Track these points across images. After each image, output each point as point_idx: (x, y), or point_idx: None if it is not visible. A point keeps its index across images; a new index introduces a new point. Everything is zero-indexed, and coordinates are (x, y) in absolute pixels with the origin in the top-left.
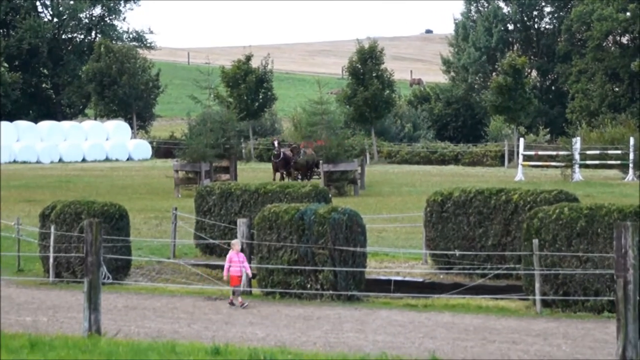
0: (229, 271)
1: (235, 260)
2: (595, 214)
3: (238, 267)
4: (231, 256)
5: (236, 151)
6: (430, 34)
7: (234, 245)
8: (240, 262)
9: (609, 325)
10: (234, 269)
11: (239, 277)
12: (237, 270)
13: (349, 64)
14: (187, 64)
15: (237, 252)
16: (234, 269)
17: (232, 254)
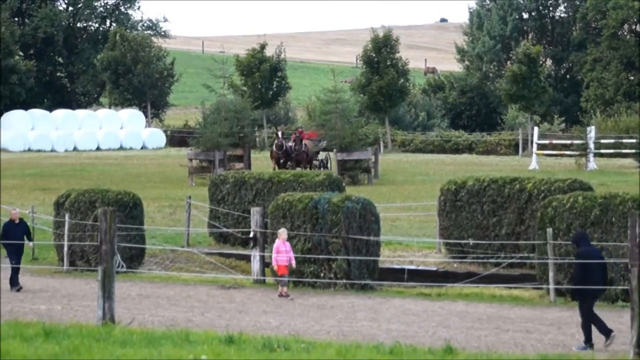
0: (277, 261)
1: (283, 250)
2: (609, 203)
3: (285, 256)
4: (278, 245)
5: (250, 140)
6: (445, 23)
7: (280, 234)
8: (287, 252)
9: (623, 315)
10: (281, 258)
11: (286, 266)
12: (285, 259)
13: (363, 52)
14: (202, 53)
15: (283, 241)
16: (281, 258)
17: (279, 243)
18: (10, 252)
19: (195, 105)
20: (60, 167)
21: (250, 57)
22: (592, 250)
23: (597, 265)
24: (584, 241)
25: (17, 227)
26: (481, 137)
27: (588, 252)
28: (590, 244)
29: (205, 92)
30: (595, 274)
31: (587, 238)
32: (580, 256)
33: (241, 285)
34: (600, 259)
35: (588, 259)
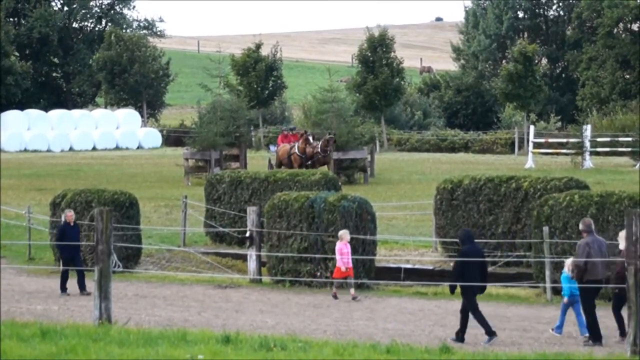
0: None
1: (345, 252)
2: (605, 202)
3: (347, 258)
4: (341, 247)
5: (246, 139)
6: (441, 22)
7: (342, 236)
8: (349, 254)
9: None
10: (344, 260)
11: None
12: (347, 261)
13: (359, 51)
14: (197, 53)
15: (345, 243)
16: (344, 261)
17: (342, 246)
18: (67, 255)
19: (191, 104)
20: (56, 167)
21: (245, 57)
22: (474, 249)
23: (476, 263)
24: (469, 239)
25: (72, 229)
26: (477, 136)
27: (469, 250)
28: (474, 242)
29: (201, 91)
30: (473, 272)
31: (472, 237)
32: (462, 254)
33: (237, 285)
34: (481, 258)
35: (470, 256)
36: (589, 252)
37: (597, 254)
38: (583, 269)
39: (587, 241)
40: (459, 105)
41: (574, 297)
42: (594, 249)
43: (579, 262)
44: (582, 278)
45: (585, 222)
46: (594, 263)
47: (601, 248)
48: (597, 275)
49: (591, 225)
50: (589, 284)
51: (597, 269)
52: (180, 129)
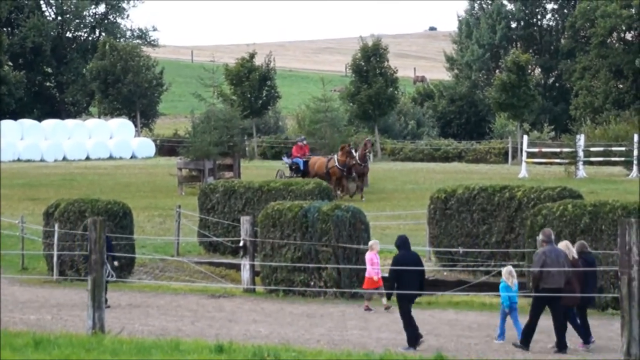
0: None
1: (376, 262)
2: (599, 211)
3: (378, 268)
4: (371, 257)
5: (240, 149)
6: (434, 31)
7: (373, 246)
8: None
9: (613, 322)
10: (375, 270)
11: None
12: (378, 271)
13: (352, 61)
14: (191, 62)
15: (376, 253)
16: (375, 271)
17: (372, 255)
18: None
19: (184, 114)
20: (49, 177)
21: (239, 66)
22: (410, 255)
23: (413, 270)
24: (404, 246)
25: None
26: (471, 145)
27: (404, 256)
28: (409, 248)
29: (194, 101)
30: (410, 278)
31: (408, 243)
32: (396, 260)
33: (231, 294)
34: (417, 265)
35: (404, 263)
36: (544, 261)
37: (554, 263)
38: (538, 278)
39: (544, 250)
40: (453, 114)
41: (512, 305)
42: (551, 258)
43: (535, 270)
44: (538, 286)
45: (545, 233)
46: (549, 272)
47: (558, 258)
48: (552, 284)
49: (551, 235)
50: (544, 292)
51: (553, 278)
52: (174, 139)
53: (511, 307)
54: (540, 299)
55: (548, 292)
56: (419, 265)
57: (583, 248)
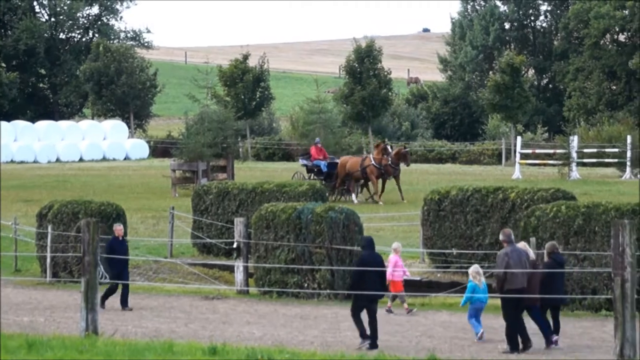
0: (393, 276)
1: (400, 265)
2: (592, 212)
3: (402, 271)
4: (396, 260)
5: (233, 150)
6: (428, 33)
7: (396, 249)
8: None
9: (607, 324)
10: (398, 273)
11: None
12: (401, 274)
13: (346, 62)
14: (185, 63)
15: (399, 255)
16: (398, 274)
17: (396, 258)
18: (115, 270)
19: (178, 115)
20: (43, 178)
21: (233, 68)
22: (373, 256)
23: (375, 271)
24: (369, 246)
25: (121, 243)
26: (464, 146)
27: (368, 256)
28: (374, 249)
29: (188, 102)
30: (372, 278)
31: (373, 244)
32: (360, 260)
33: (224, 296)
34: (379, 266)
35: (367, 264)
36: (507, 262)
37: (517, 263)
38: (503, 279)
39: (507, 251)
40: (447, 116)
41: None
42: (513, 258)
43: (499, 272)
44: (503, 288)
45: (505, 233)
46: (513, 273)
47: (521, 258)
48: (516, 284)
49: (511, 235)
50: (509, 293)
51: (517, 279)
52: (168, 140)
53: (479, 306)
54: (508, 300)
55: (512, 292)
56: (382, 267)
57: (554, 248)
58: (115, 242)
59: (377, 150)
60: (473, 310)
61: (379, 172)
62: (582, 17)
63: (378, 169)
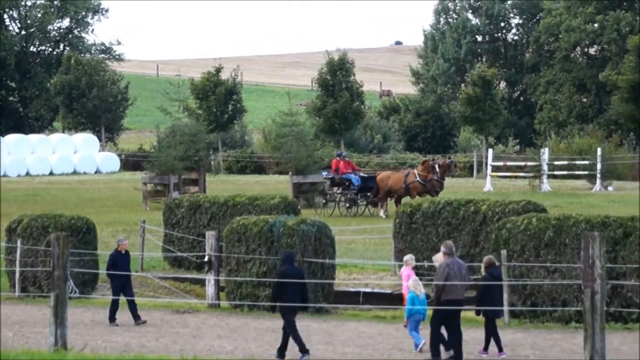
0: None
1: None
2: (563, 225)
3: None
4: (408, 273)
5: (205, 163)
6: (400, 46)
7: (408, 262)
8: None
9: (577, 336)
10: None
11: None
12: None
13: (318, 75)
14: (157, 76)
15: (411, 268)
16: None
17: (409, 271)
18: (117, 284)
19: (149, 128)
20: (12, 192)
21: (205, 81)
22: (294, 270)
23: (296, 284)
24: (289, 260)
25: (124, 257)
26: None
27: (287, 270)
28: (293, 263)
29: (159, 115)
30: (293, 292)
31: (292, 258)
32: (280, 275)
33: (196, 310)
34: (299, 279)
35: (289, 277)
36: (448, 273)
37: (457, 275)
38: (442, 289)
39: (447, 262)
40: (419, 128)
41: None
42: (454, 270)
43: (439, 283)
44: (440, 298)
45: (447, 245)
46: (451, 284)
47: (461, 270)
48: (455, 295)
49: (452, 247)
50: (447, 304)
51: (455, 290)
52: (139, 153)
53: (418, 318)
54: (442, 311)
55: (449, 303)
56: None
57: (491, 262)
58: (118, 256)
59: (423, 166)
60: (413, 323)
61: (424, 189)
62: (553, 31)
63: (423, 185)
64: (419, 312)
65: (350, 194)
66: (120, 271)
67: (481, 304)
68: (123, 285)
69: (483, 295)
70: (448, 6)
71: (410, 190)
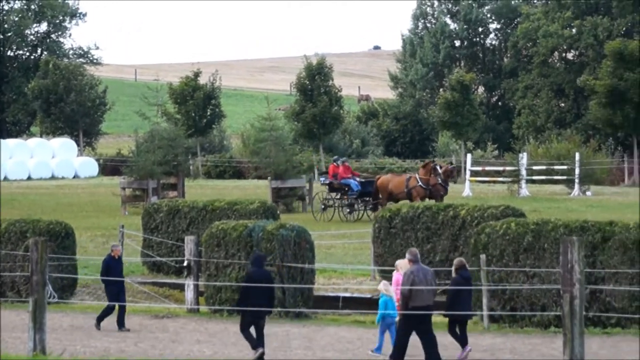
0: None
1: None
2: (541, 229)
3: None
4: (398, 278)
5: (184, 168)
6: (378, 50)
7: (400, 266)
8: None
9: (556, 340)
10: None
11: None
12: None
13: (297, 80)
14: (135, 81)
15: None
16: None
17: (399, 276)
18: (112, 290)
19: (128, 133)
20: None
21: (183, 85)
22: (261, 272)
23: (262, 287)
24: (257, 263)
25: (117, 263)
26: (415, 164)
27: (255, 273)
28: (262, 266)
29: (138, 120)
30: (260, 295)
31: (261, 260)
32: (248, 277)
33: (175, 315)
34: (268, 282)
35: (257, 280)
36: (413, 280)
37: (422, 282)
38: (408, 296)
39: (412, 270)
40: (397, 133)
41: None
42: (419, 277)
43: (404, 289)
44: (407, 305)
45: (412, 252)
46: (418, 290)
47: (426, 276)
48: (421, 302)
49: (417, 254)
50: (413, 310)
51: (422, 296)
52: (117, 158)
53: (390, 322)
54: (409, 317)
55: (417, 310)
56: (270, 283)
57: (461, 264)
58: (111, 261)
59: (425, 170)
60: (385, 326)
61: (426, 193)
62: (531, 36)
63: (425, 189)
64: (390, 316)
65: (350, 199)
66: (114, 276)
67: (452, 306)
68: (118, 292)
69: (454, 298)
70: (426, 11)
71: (412, 194)
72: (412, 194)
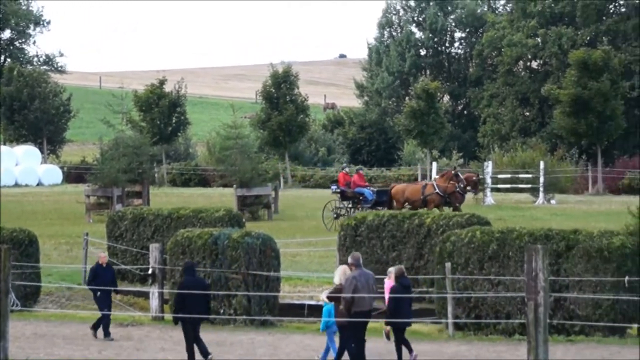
0: None
1: None
2: (506, 238)
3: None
4: (389, 286)
5: (149, 176)
6: (344, 59)
7: (391, 274)
8: None
9: (520, 348)
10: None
11: None
12: None
13: (262, 88)
14: (99, 89)
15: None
16: None
17: (391, 284)
18: (101, 298)
19: (92, 141)
20: None
21: (148, 93)
22: (195, 280)
23: (198, 295)
24: (190, 271)
25: (105, 271)
26: (381, 172)
27: (189, 281)
28: (195, 274)
29: (103, 127)
30: (196, 302)
31: (194, 268)
32: (182, 285)
33: (139, 323)
34: (203, 289)
35: (190, 288)
36: (355, 285)
37: (364, 286)
38: (350, 302)
39: (354, 275)
40: (363, 141)
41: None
42: (361, 282)
43: (347, 295)
44: (350, 310)
45: (354, 256)
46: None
47: (368, 281)
48: (363, 307)
49: (359, 259)
50: (356, 315)
51: (364, 301)
52: (82, 166)
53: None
54: (355, 323)
55: (359, 315)
56: (204, 290)
57: (401, 272)
58: (99, 269)
59: (443, 178)
60: (332, 334)
61: (442, 201)
62: (496, 45)
63: (442, 197)
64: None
65: (364, 208)
66: (101, 284)
67: (393, 314)
68: (107, 299)
69: (395, 306)
70: (392, 20)
71: (428, 202)
72: (428, 201)
